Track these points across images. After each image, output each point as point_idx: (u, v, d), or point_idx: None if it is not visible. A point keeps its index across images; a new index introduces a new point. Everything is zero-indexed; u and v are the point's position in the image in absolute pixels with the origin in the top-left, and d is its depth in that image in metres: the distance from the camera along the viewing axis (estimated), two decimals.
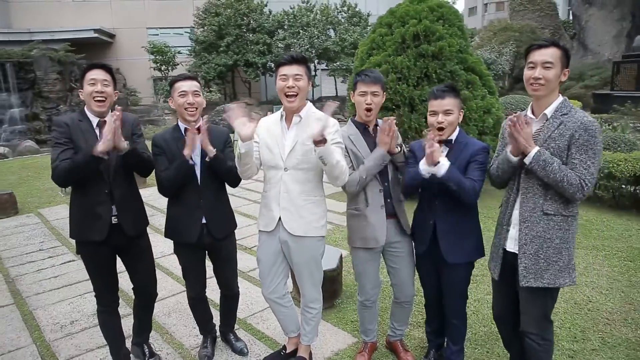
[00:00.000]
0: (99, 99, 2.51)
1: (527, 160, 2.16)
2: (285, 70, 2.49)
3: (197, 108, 2.67)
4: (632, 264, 4.30)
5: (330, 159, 2.37)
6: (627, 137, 7.36)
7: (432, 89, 2.54)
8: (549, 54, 2.12)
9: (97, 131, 2.57)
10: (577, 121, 2.10)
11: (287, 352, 2.97)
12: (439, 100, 2.45)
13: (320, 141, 2.29)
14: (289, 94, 2.49)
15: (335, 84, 25.82)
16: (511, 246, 2.34)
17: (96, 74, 2.51)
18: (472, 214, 2.60)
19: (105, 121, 2.56)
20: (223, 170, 2.71)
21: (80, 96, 2.59)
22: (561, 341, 3.11)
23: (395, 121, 2.54)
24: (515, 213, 2.31)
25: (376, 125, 2.71)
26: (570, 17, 28.55)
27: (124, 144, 2.48)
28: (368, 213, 2.66)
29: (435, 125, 2.46)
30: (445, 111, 2.45)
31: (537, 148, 2.13)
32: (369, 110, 2.60)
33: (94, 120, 2.58)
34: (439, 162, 2.34)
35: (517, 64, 21.32)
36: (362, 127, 2.70)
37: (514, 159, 2.23)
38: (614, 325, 3.29)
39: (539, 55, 2.14)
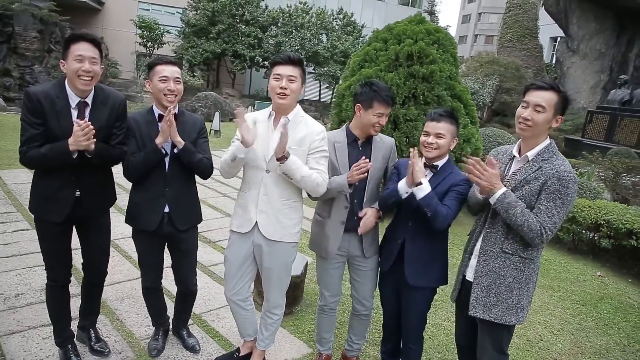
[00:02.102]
0: (85, 78, 2.33)
1: (491, 201, 2.18)
2: (280, 70, 2.44)
3: (176, 95, 2.57)
4: (583, 308, 4.44)
5: (294, 175, 2.39)
6: (593, 185, 7.63)
7: (431, 110, 2.54)
8: (544, 97, 2.11)
9: (74, 113, 2.39)
10: (553, 169, 2.11)
11: (240, 355, 2.91)
12: (434, 122, 2.46)
13: (280, 158, 2.33)
14: (281, 93, 2.44)
15: (320, 89, 25.88)
16: (470, 275, 2.38)
17: (84, 50, 2.32)
18: (441, 241, 2.61)
19: (86, 103, 2.43)
20: (192, 163, 2.62)
21: (62, 68, 2.37)
22: None
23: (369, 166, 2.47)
24: (478, 245, 2.36)
25: (367, 139, 2.67)
26: (554, 61, 29.56)
27: (92, 147, 2.32)
28: (327, 224, 2.68)
29: (425, 145, 2.47)
30: (437, 134, 2.45)
31: (502, 190, 2.15)
32: (377, 128, 2.59)
33: (74, 100, 2.40)
34: (420, 184, 2.34)
35: (498, 98, 21.88)
36: (353, 138, 2.67)
37: (480, 197, 2.28)
38: None
39: (534, 97, 2.14)
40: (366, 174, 2.48)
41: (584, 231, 6.16)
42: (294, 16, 24.18)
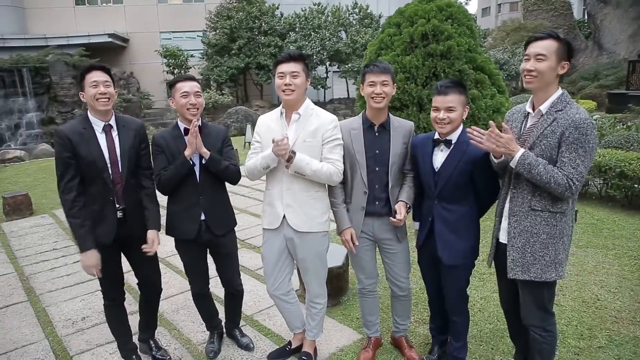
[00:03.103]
0: (103, 100, 2.55)
1: (512, 164, 2.16)
2: (283, 68, 2.55)
3: (198, 108, 2.73)
4: None
5: (304, 172, 2.50)
6: None
7: (437, 83, 2.50)
8: (543, 46, 2.11)
9: (101, 138, 2.59)
10: (568, 119, 2.09)
11: (292, 347, 3.01)
12: (442, 96, 2.43)
13: (287, 160, 2.46)
14: (286, 90, 2.54)
15: (347, 86, 25.85)
16: (503, 237, 2.37)
17: (97, 76, 2.54)
18: (470, 216, 2.58)
19: (110, 125, 2.62)
20: (219, 171, 2.76)
21: (82, 99, 2.60)
22: (567, 338, 3.09)
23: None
24: (507, 206, 2.34)
25: (382, 124, 2.69)
26: (585, 17, 28.22)
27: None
28: (349, 210, 2.73)
29: (437, 121, 2.47)
30: (447, 108, 2.42)
31: (521, 151, 2.13)
32: (377, 100, 2.56)
33: (99, 125, 2.60)
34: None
35: None
36: (369, 124, 2.69)
37: (496, 161, 2.27)
38: (621, 323, 3.26)
39: (533, 48, 2.14)
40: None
41: (635, 185, 5.88)
42: (310, 19, 24.28)
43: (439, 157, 2.54)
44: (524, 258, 2.25)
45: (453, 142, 2.50)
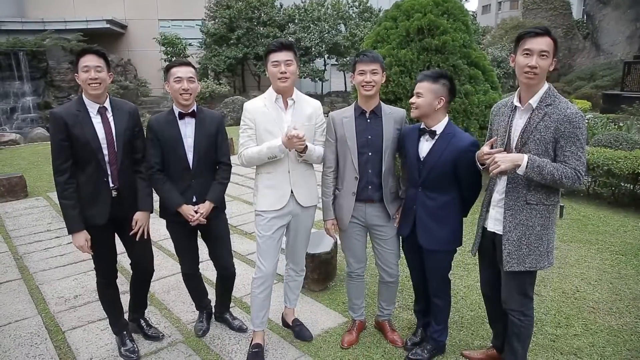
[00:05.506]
0: (94, 84, 2.58)
1: (520, 172, 2.19)
2: (277, 56, 2.64)
3: (191, 94, 2.79)
4: (623, 258, 4.36)
5: (312, 158, 2.78)
6: (630, 135, 7.37)
7: (421, 73, 2.63)
8: (546, 43, 2.14)
9: (96, 120, 2.63)
10: (560, 113, 2.15)
11: (255, 342, 2.94)
12: (417, 84, 2.59)
13: (300, 152, 2.66)
14: (282, 77, 2.63)
15: (345, 79, 25.84)
16: (490, 225, 2.45)
17: (89, 61, 2.57)
18: (452, 205, 2.66)
19: (105, 107, 2.68)
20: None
21: (78, 81, 2.63)
22: (545, 326, 3.20)
23: None
24: (496, 196, 2.43)
25: (373, 111, 2.75)
26: (584, 17, 28.28)
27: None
28: (341, 195, 2.84)
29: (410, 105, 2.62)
30: (416, 93, 2.57)
31: (525, 158, 2.17)
32: (367, 88, 2.65)
33: (94, 108, 2.65)
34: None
35: None
36: (360, 111, 2.78)
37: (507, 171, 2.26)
38: (598, 314, 3.37)
39: (536, 44, 2.14)
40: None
41: (622, 183, 6.00)
42: (310, 10, 24.21)
43: (425, 146, 2.63)
44: (520, 250, 2.32)
45: (438, 132, 2.59)
